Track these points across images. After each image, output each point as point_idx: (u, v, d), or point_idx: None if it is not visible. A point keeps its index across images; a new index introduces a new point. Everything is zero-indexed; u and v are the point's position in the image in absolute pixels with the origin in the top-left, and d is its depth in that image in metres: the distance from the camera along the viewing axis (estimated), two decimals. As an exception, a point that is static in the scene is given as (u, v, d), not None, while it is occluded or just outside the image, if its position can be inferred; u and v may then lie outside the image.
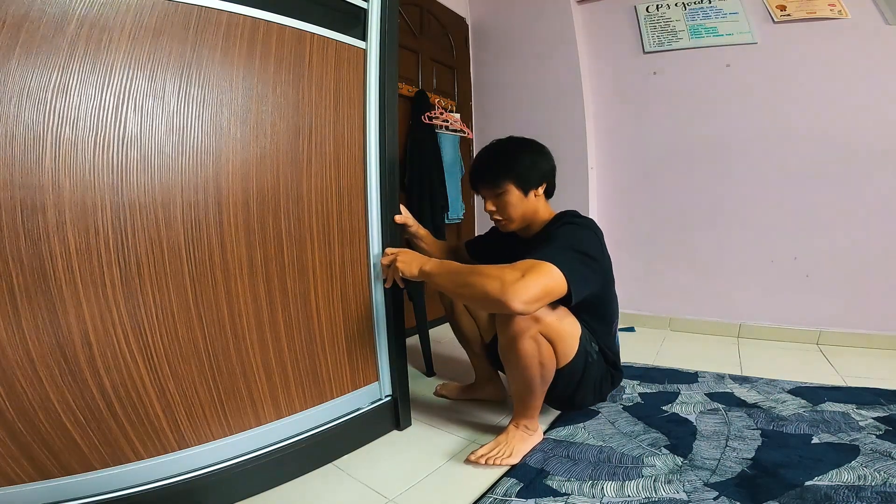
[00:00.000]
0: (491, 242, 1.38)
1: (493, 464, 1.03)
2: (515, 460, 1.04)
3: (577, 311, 1.07)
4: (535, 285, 0.89)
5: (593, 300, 1.07)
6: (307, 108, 1.02)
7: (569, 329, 1.05)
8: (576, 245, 1.00)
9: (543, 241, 1.03)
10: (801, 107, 1.88)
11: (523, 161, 1.13)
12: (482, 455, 1.05)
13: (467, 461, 1.06)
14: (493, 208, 1.17)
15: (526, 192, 1.13)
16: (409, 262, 1.07)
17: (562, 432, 1.16)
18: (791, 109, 1.90)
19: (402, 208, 1.26)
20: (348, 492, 0.97)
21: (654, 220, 2.23)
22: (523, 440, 1.09)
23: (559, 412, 1.28)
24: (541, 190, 1.16)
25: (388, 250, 1.14)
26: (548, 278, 0.91)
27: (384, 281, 1.16)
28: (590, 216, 1.17)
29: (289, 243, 1.00)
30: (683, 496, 0.88)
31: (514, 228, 1.19)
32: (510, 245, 1.24)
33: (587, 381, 1.14)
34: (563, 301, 0.96)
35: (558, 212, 1.19)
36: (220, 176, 0.89)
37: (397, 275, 1.09)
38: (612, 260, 1.13)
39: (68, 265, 0.74)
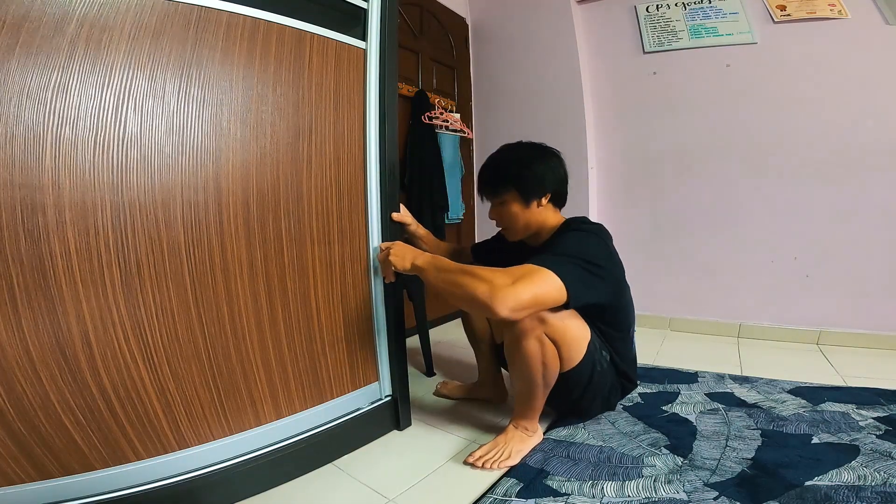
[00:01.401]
0: (498, 248, 1.35)
1: (491, 467, 1.02)
2: (514, 462, 1.04)
3: (588, 319, 1.06)
4: (524, 292, 0.86)
5: (605, 309, 1.06)
6: (307, 108, 1.02)
7: (575, 333, 1.03)
8: (579, 252, 0.97)
9: (548, 248, 1.02)
10: (801, 107, 1.88)
11: (525, 170, 1.10)
12: (480, 457, 1.05)
13: (465, 463, 1.05)
14: (496, 217, 1.15)
15: (528, 203, 1.10)
16: (402, 256, 1.05)
17: (562, 432, 1.16)
18: (791, 109, 1.90)
19: (402, 207, 1.26)
20: (348, 492, 0.97)
21: (654, 219, 2.23)
22: (522, 441, 1.09)
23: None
24: (545, 200, 1.11)
25: (382, 245, 1.13)
26: (541, 286, 0.88)
27: (384, 277, 1.15)
28: (589, 217, 1.15)
29: (289, 243, 1.00)
30: (683, 496, 0.88)
31: (520, 238, 1.17)
32: (518, 252, 1.18)
33: (593, 390, 1.12)
34: (566, 305, 0.94)
35: (567, 217, 1.15)
36: (220, 176, 0.89)
37: (389, 269, 1.08)
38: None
39: (68, 265, 0.74)
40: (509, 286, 0.86)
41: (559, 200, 1.16)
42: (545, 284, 0.89)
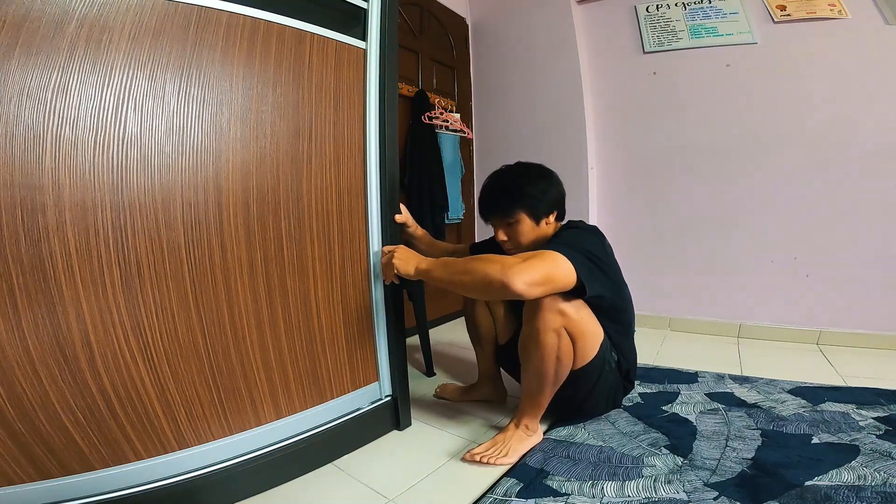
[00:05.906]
0: (495, 247, 1.35)
1: (489, 462, 1.03)
2: (512, 460, 1.04)
3: (596, 314, 1.08)
4: (537, 269, 0.90)
5: (609, 306, 1.08)
6: (307, 108, 1.02)
7: (592, 329, 1.06)
8: (581, 245, 1.01)
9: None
10: (801, 107, 1.88)
11: (533, 190, 1.13)
12: (478, 453, 1.05)
13: (463, 459, 1.06)
14: (505, 238, 1.17)
15: (538, 221, 1.14)
16: (406, 261, 1.08)
17: (562, 432, 1.16)
18: (791, 109, 1.89)
19: (403, 208, 1.26)
20: (348, 492, 0.97)
21: (654, 219, 2.23)
22: (521, 440, 1.09)
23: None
24: (552, 218, 1.16)
25: (385, 249, 1.14)
26: (551, 265, 0.92)
27: (385, 278, 1.15)
28: (589, 216, 1.17)
29: (289, 243, 1.00)
30: (683, 496, 0.88)
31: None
32: None
33: (601, 389, 1.14)
34: (578, 293, 0.97)
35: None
36: (220, 176, 0.89)
37: (391, 271, 1.09)
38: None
39: (68, 265, 0.74)
40: (521, 263, 0.91)
41: (561, 217, 1.21)
42: (556, 264, 0.93)
